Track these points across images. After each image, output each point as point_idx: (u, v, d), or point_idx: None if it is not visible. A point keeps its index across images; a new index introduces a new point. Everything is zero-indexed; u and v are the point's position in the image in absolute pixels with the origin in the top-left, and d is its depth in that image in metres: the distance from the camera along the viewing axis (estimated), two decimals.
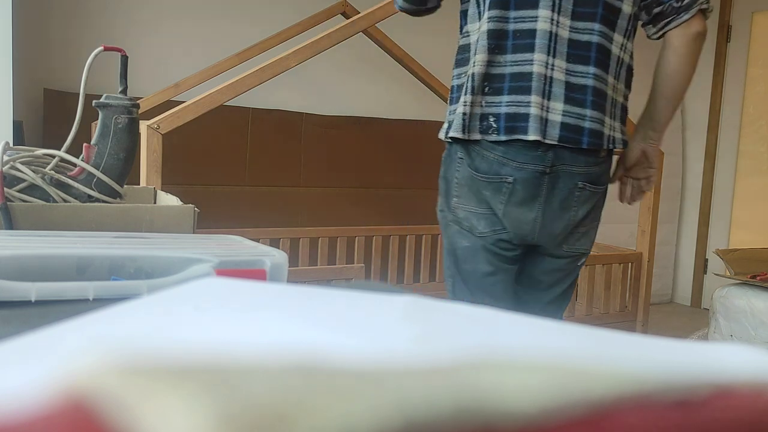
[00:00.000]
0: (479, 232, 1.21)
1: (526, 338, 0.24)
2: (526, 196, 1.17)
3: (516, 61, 1.15)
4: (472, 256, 1.23)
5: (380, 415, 0.12)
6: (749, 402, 0.16)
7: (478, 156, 1.18)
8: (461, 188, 1.21)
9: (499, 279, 1.24)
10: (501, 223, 1.20)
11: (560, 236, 1.23)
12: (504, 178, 1.17)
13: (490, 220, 1.20)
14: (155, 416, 0.11)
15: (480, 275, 1.23)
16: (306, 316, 0.27)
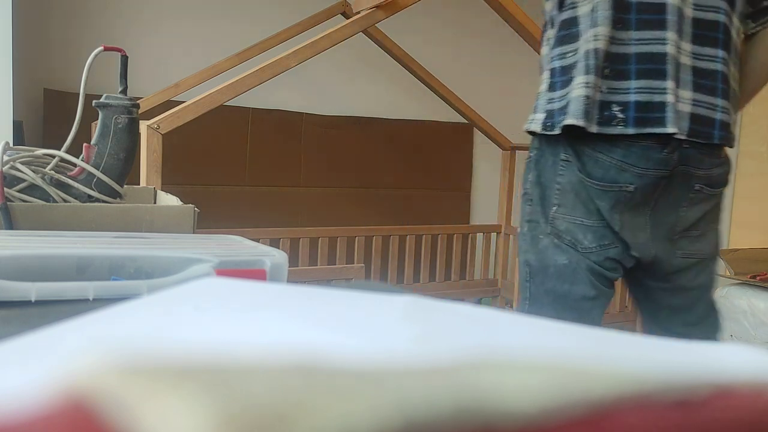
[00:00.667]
0: (584, 247, 1.03)
1: (526, 338, 0.24)
2: (641, 203, 1.02)
3: (643, 40, 0.97)
4: (570, 275, 1.05)
5: (380, 415, 0.12)
6: (749, 402, 0.16)
7: (591, 159, 1.00)
8: (564, 195, 1.04)
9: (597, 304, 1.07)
10: (612, 237, 1.03)
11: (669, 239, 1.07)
12: (623, 187, 1.00)
13: (599, 233, 1.03)
14: (155, 416, 0.11)
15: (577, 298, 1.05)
16: (306, 316, 0.27)
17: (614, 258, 1.04)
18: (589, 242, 1.03)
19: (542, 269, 1.08)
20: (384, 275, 2.63)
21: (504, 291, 2.92)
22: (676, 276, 1.09)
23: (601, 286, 1.06)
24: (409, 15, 2.49)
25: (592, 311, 1.07)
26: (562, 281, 1.06)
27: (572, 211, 1.03)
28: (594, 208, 1.02)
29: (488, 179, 3.20)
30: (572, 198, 1.03)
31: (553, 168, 1.05)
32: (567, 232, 1.04)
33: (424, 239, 2.72)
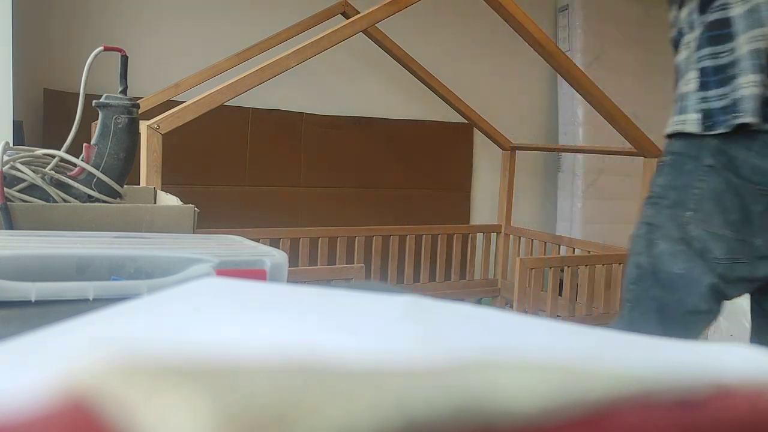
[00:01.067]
0: (714, 258, 0.99)
1: (526, 338, 0.24)
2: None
3: None
4: (684, 286, 1.01)
5: (380, 415, 0.12)
6: (749, 402, 0.16)
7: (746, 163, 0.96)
8: (704, 202, 0.99)
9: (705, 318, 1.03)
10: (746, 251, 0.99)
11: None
12: None
13: (732, 246, 0.99)
14: (155, 416, 0.11)
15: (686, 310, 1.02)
16: (306, 316, 0.27)
17: (742, 276, 1.00)
18: (720, 253, 0.99)
19: (653, 274, 1.04)
20: (384, 275, 2.63)
21: (504, 291, 2.92)
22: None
23: (715, 302, 1.02)
24: (409, 15, 2.49)
25: (696, 325, 1.03)
26: (672, 290, 1.02)
27: (708, 219, 0.99)
28: (733, 219, 0.98)
29: (488, 179, 3.20)
30: (711, 206, 0.99)
31: (694, 173, 1.01)
32: (698, 239, 1.00)
33: (424, 239, 2.72)
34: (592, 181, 3.31)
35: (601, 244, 2.60)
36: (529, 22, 1.97)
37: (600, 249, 2.53)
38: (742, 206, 0.98)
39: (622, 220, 3.36)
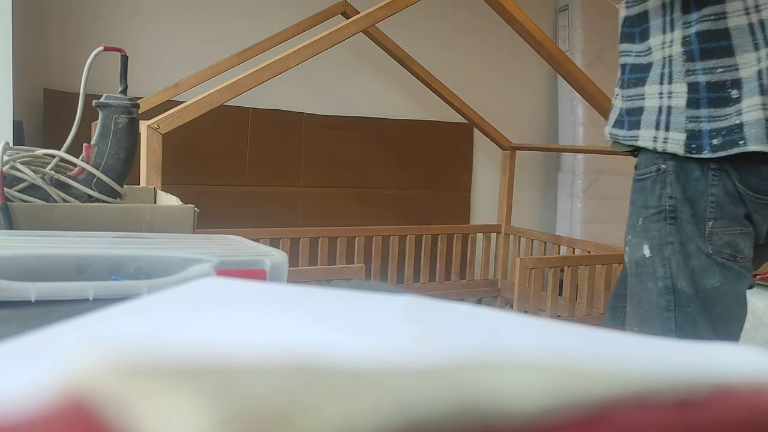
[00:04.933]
0: (744, 256, 0.97)
1: (526, 338, 0.24)
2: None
3: None
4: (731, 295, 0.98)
5: (380, 415, 0.12)
6: (749, 402, 0.16)
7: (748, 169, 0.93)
8: (722, 207, 0.95)
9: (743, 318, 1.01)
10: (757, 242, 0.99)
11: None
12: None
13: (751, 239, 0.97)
14: (155, 416, 0.11)
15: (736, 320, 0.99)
16: (306, 316, 0.27)
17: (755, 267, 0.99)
18: (748, 250, 0.97)
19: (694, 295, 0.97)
20: (384, 275, 2.63)
21: (504, 291, 2.92)
22: None
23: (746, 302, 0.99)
24: (409, 15, 2.49)
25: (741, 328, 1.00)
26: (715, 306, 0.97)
27: (731, 224, 0.95)
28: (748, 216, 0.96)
29: (488, 179, 3.20)
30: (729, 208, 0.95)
31: (704, 180, 0.95)
32: (728, 245, 0.96)
33: (424, 239, 2.72)
34: (592, 181, 3.31)
35: (601, 244, 2.59)
36: (529, 22, 1.97)
37: (600, 249, 2.53)
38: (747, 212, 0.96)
39: (622, 220, 3.35)
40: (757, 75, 0.91)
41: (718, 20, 0.93)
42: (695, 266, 0.96)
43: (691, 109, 0.95)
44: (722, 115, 0.92)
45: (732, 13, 0.92)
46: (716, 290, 0.96)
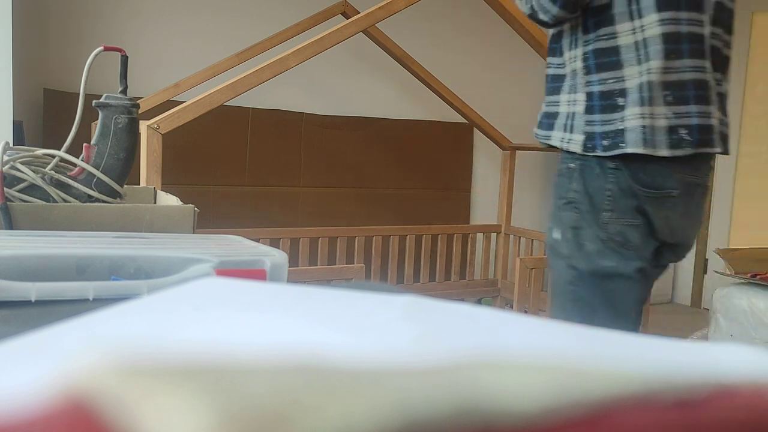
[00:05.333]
0: (634, 245, 1.11)
1: (526, 338, 0.24)
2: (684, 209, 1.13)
3: (695, 67, 1.07)
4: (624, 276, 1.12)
5: (380, 415, 0.12)
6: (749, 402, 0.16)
7: (638, 167, 1.08)
8: (617, 200, 1.10)
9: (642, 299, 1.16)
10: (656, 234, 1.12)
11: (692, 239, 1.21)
12: (669, 192, 1.10)
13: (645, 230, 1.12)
14: (155, 416, 0.11)
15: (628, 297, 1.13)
16: (306, 316, 0.27)
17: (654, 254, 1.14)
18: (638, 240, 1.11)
19: (591, 272, 1.13)
20: (384, 275, 2.63)
21: (504, 291, 2.92)
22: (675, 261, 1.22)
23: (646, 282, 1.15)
24: (409, 15, 2.50)
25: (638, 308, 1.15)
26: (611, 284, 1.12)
27: (624, 214, 1.10)
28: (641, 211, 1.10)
29: (488, 179, 3.20)
30: (622, 202, 1.10)
31: (603, 177, 1.10)
32: (619, 233, 1.10)
33: (424, 239, 2.72)
34: None
35: None
36: (529, 22, 1.96)
37: None
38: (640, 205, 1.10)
39: None
40: (638, 87, 1.06)
41: (610, 39, 1.09)
42: (591, 249, 1.13)
43: (587, 114, 1.11)
44: (611, 120, 1.09)
45: (621, 33, 1.08)
46: (609, 270, 1.12)
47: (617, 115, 1.08)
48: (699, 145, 1.06)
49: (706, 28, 1.07)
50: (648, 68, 1.05)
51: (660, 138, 1.06)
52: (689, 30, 1.06)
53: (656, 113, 1.06)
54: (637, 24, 1.06)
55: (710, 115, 1.07)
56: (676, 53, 1.06)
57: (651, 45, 1.05)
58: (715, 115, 1.09)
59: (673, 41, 1.05)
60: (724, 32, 1.11)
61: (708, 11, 1.07)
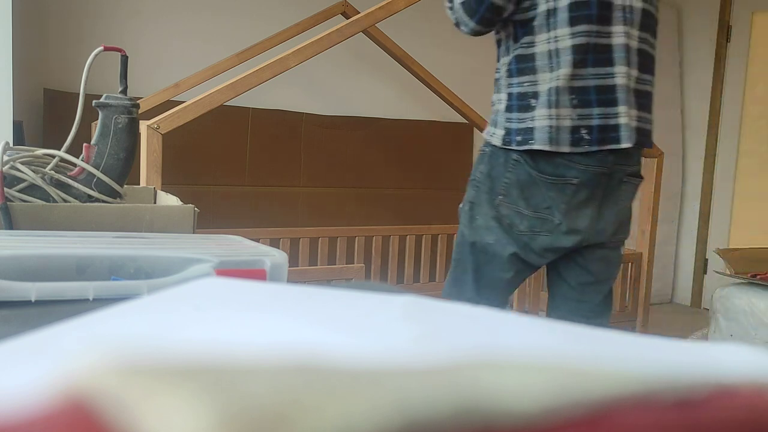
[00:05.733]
0: (519, 231, 1.27)
1: (526, 338, 0.24)
2: (586, 196, 1.26)
3: (598, 75, 1.22)
4: (496, 253, 1.29)
5: (380, 415, 0.12)
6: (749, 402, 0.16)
7: (543, 159, 1.23)
8: (510, 188, 1.27)
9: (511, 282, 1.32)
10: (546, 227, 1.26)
11: (612, 228, 1.32)
12: (569, 180, 1.24)
13: (533, 222, 1.26)
14: (155, 416, 0.11)
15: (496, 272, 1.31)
16: (306, 316, 0.27)
17: (544, 246, 1.28)
18: (524, 228, 1.28)
19: (471, 243, 1.34)
20: (384, 275, 2.63)
21: None
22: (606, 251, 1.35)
23: (521, 268, 1.31)
24: (409, 15, 2.49)
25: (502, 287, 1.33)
26: (484, 256, 1.32)
27: (516, 202, 1.27)
28: (534, 202, 1.26)
29: None
30: (516, 192, 1.27)
31: (504, 166, 1.28)
32: (507, 216, 1.29)
33: (424, 239, 2.72)
34: None
35: None
36: None
37: None
38: (541, 192, 1.25)
39: None
40: (548, 91, 1.22)
41: (529, 47, 1.25)
42: (480, 224, 1.32)
43: (507, 112, 1.28)
44: (524, 119, 1.25)
45: (538, 43, 1.24)
46: (488, 245, 1.31)
47: (529, 114, 1.24)
48: (599, 143, 1.22)
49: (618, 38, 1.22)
50: (557, 75, 1.21)
51: (563, 136, 1.22)
52: (597, 42, 1.21)
53: (562, 115, 1.22)
54: (552, 35, 1.22)
55: (616, 115, 1.22)
56: (582, 62, 1.22)
57: (562, 55, 1.21)
58: (628, 114, 1.23)
59: (581, 52, 1.21)
60: (650, 36, 1.28)
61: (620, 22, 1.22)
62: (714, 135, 3.57)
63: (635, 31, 1.24)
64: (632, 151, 1.27)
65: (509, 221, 1.28)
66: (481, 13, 1.27)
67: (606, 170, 1.26)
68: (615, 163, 1.26)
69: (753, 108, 3.45)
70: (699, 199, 3.64)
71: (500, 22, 1.30)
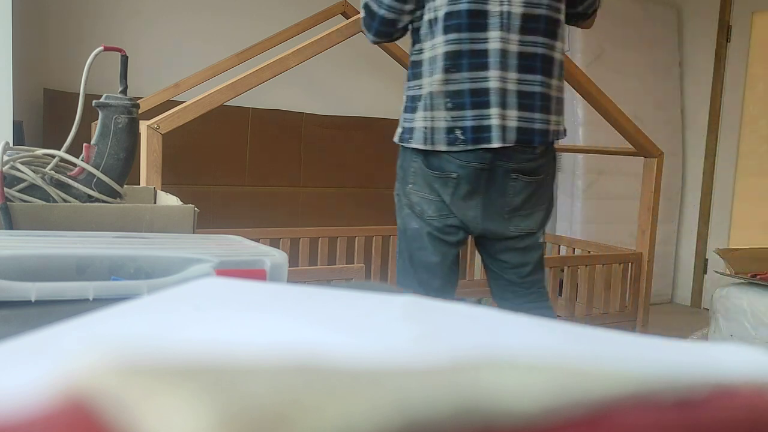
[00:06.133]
0: (428, 216, 1.41)
1: (526, 338, 0.24)
2: (469, 188, 1.37)
3: (473, 78, 1.31)
4: (419, 238, 1.43)
5: (380, 415, 0.12)
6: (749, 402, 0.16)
7: (430, 155, 1.38)
8: (416, 177, 1.40)
9: (440, 260, 1.44)
10: (449, 209, 1.39)
11: (502, 218, 1.42)
12: (449, 174, 1.36)
13: (439, 206, 1.40)
14: (155, 416, 0.11)
15: (424, 255, 1.44)
16: (306, 316, 0.27)
17: (453, 225, 1.41)
18: (432, 212, 1.40)
19: (404, 231, 1.47)
20: (384, 275, 2.63)
21: None
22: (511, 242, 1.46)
23: (443, 248, 1.43)
24: None
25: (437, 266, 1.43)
26: (414, 241, 1.44)
27: (421, 189, 1.40)
28: (434, 189, 1.39)
29: None
30: (421, 179, 1.40)
31: (409, 158, 1.42)
32: (417, 204, 1.42)
33: None
34: (592, 181, 3.31)
35: (601, 244, 2.59)
36: None
37: (600, 249, 2.53)
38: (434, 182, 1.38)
39: (622, 220, 3.35)
40: (427, 95, 1.35)
41: (419, 54, 1.38)
42: (405, 213, 1.46)
43: (404, 113, 1.42)
44: (410, 119, 1.40)
45: (424, 50, 1.36)
46: (413, 231, 1.44)
47: (412, 116, 1.39)
48: (474, 142, 1.32)
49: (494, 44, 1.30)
50: (433, 80, 1.33)
51: (439, 137, 1.34)
52: (471, 48, 1.30)
53: (437, 117, 1.34)
54: (432, 43, 1.33)
55: (489, 116, 1.32)
56: (456, 67, 1.31)
57: (438, 61, 1.32)
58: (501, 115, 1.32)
59: (453, 58, 1.30)
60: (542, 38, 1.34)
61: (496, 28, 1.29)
62: (714, 135, 3.57)
63: (515, 35, 1.31)
64: (516, 148, 1.35)
65: (420, 208, 1.41)
66: (376, 27, 1.40)
67: (485, 166, 1.35)
68: (494, 160, 1.35)
69: (753, 108, 3.45)
70: (699, 199, 3.64)
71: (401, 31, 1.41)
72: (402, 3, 1.35)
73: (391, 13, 1.36)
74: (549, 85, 1.37)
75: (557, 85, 1.41)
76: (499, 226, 1.43)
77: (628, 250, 2.53)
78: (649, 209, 2.41)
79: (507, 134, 1.33)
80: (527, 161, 1.39)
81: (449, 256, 1.45)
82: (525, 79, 1.33)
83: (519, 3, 1.31)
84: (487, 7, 1.30)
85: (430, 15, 1.33)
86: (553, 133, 1.40)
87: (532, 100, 1.35)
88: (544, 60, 1.35)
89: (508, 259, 1.48)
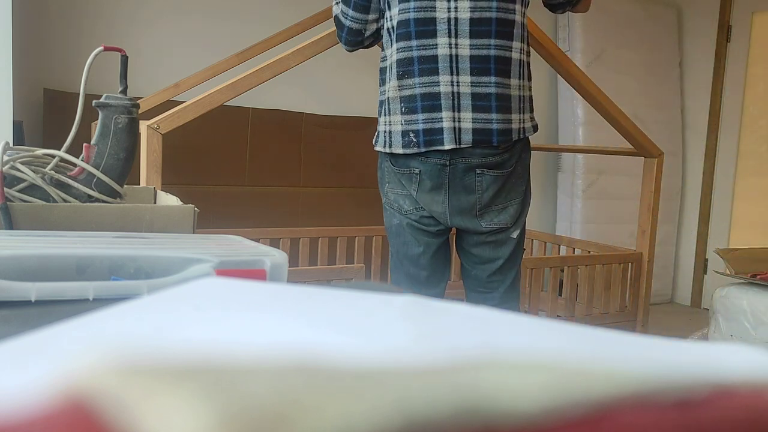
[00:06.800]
0: (406, 210, 1.48)
1: (526, 338, 0.24)
2: (432, 184, 1.42)
3: (423, 83, 1.37)
4: (402, 232, 1.50)
5: (380, 415, 0.12)
6: (749, 402, 0.16)
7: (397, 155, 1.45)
8: (390, 176, 1.49)
9: (422, 251, 1.50)
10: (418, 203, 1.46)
11: (472, 214, 1.45)
12: (413, 170, 1.43)
13: (412, 200, 1.46)
14: (155, 416, 0.11)
15: (408, 248, 1.50)
16: (306, 316, 0.27)
17: (427, 215, 1.46)
18: (407, 206, 1.47)
19: (389, 229, 1.55)
20: (384, 275, 2.63)
21: None
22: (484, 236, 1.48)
23: (423, 237, 1.49)
24: None
25: (421, 258, 1.49)
26: (397, 236, 1.52)
27: (395, 186, 1.48)
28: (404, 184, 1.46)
29: None
30: (394, 178, 1.48)
31: (381, 158, 1.50)
32: (395, 201, 1.49)
33: None
34: (592, 181, 3.31)
35: (601, 244, 2.59)
36: (529, 21, 1.96)
37: (600, 249, 2.53)
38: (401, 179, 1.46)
39: (622, 220, 3.35)
40: (386, 101, 1.44)
41: (383, 61, 1.46)
42: (388, 212, 1.53)
43: (378, 117, 1.49)
44: (379, 123, 1.48)
45: (387, 57, 1.44)
46: (396, 227, 1.51)
47: (379, 120, 1.47)
48: (426, 145, 1.38)
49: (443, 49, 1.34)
50: (389, 87, 1.41)
51: (396, 140, 1.42)
52: (421, 54, 1.36)
53: (393, 121, 1.42)
54: (390, 51, 1.41)
55: (440, 120, 1.37)
56: (408, 74, 1.38)
57: (393, 68, 1.40)
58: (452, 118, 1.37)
59: (404, 65, 1.38)
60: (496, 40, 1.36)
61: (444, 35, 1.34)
62: (714, 135, 3.57)
63: (464, 40, 1.34)
64: (476, 148, 1.39)
65: (397, 204, 1.49)
66: (345, 37, 1.51)
67: (446, 162, 1.40)
68: (454, 157, 1.39)
69: (753, 108, 3.45)
70: (699, 199, 3.64)
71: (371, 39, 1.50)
72: (365, 13, 1.45)
73: (356, 24, 1.46)
74: (507, 85, 1.39)
75: (519, 84, 1.42)
76: (470, 223, 1.46)
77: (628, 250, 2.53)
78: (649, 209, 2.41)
79: (462, 136, 1.37)
80: (489, 156, 1.41)
81: (432, 246, 1.50)
82: (479, 81, 1.36)
83: (466, 8, 1.34)
84: (435, 14, 1.35)
85: (388, 24, 1.41)
86: (517, 131, 1.42)
87: (487, 101, 1.37)
88: (498, 61, 1.37)
89: (479, 253, 1.51)
